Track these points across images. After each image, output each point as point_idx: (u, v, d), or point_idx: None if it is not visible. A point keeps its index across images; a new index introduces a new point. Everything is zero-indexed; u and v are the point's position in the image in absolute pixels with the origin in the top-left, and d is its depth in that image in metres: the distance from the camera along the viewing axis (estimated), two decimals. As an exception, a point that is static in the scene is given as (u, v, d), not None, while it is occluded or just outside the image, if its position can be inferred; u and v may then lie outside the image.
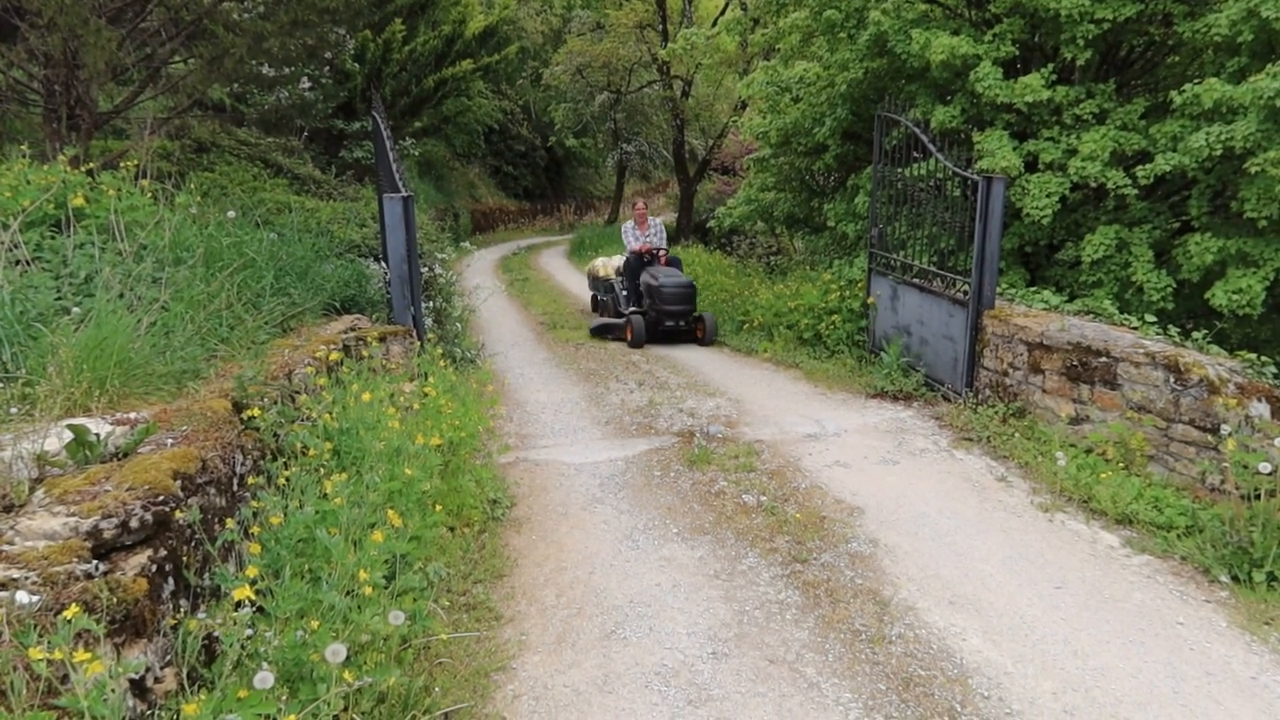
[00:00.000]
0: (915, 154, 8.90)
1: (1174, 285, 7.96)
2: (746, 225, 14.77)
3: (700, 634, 4.12)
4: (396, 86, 18.74)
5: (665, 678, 3.78)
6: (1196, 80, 7.93)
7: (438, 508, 4.56)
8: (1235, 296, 7.17)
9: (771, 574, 4.73)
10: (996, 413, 6.97)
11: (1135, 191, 8.10)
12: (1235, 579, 4.60)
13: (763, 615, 4.31)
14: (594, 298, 14.41)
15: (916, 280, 8.50)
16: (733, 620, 4.25)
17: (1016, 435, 6.63)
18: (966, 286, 7.54)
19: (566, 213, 38.86)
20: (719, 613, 4.33)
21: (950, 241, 8.08)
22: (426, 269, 8.88)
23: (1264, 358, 5.89)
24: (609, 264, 13.72)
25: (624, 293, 12.45)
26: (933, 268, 8.25)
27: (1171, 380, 5.68)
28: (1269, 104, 6.87)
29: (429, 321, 7.96)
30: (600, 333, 12.33)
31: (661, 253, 12.32)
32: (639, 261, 12.19)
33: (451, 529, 5.05)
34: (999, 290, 7.78)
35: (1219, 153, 7.22)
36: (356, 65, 17.68)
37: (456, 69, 19.64)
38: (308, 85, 16.63)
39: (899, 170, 8.97)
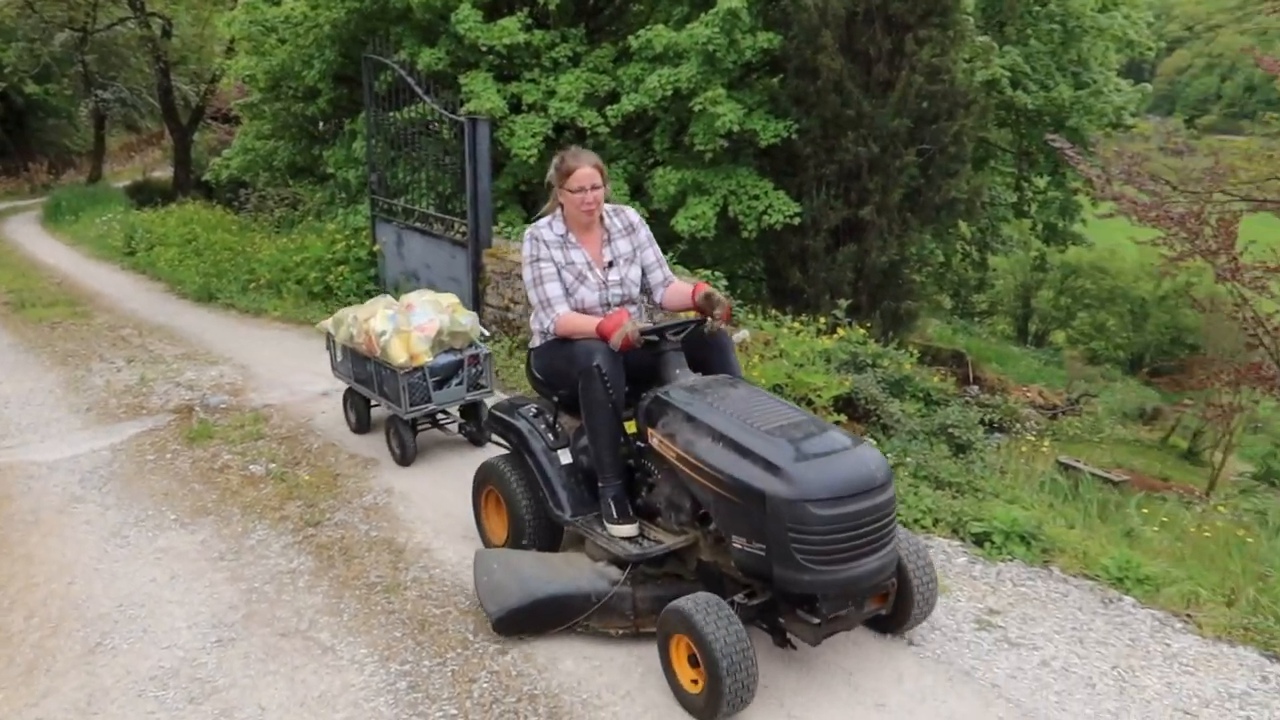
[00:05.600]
0: (407, 97, 8.83)
1: (648, 215, 8.88)
2: (248, 177, 13.73)
3: (203, 623, 3.80)
4: None
5: (163, 680, 3.44)
6: (648, 26, 8.80)
7: None
8: (693, 222, 8.19)
9: (283, 544, 4.50)
10: (504, 348, 7.28)
11: (609, 130, 8.83)
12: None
13: (274, 589, 4.09)
14: (356, 403, 5.95)
15: (419, 225, 8.53)
16: (240, 601, 3.98)
17: (522, 367, 6.97)
18: (465, 228, 7.71)
19: (38, 172, 32.87)
20: (225, 596, 4.02)
21: (449, 184, 8.19)
22: None
23: (718, 272, 6.83)
24: (413, 328, 5.30)
25: (561, 460, 3.86)
26: (433, 211, 8.32)
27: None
28: (704, 49, 7.84)
29: None
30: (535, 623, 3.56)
31: (715, 315, 3.69)
32: (614, 365, 3.56)
33: None
34: (497, 230, 8.07)
35: (670, 93, 8.12)
36: None
37: None
38: None
39: (393, 114, 8.85)
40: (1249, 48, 14.86)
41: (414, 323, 5.21)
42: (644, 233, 4.04)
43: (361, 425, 5.89)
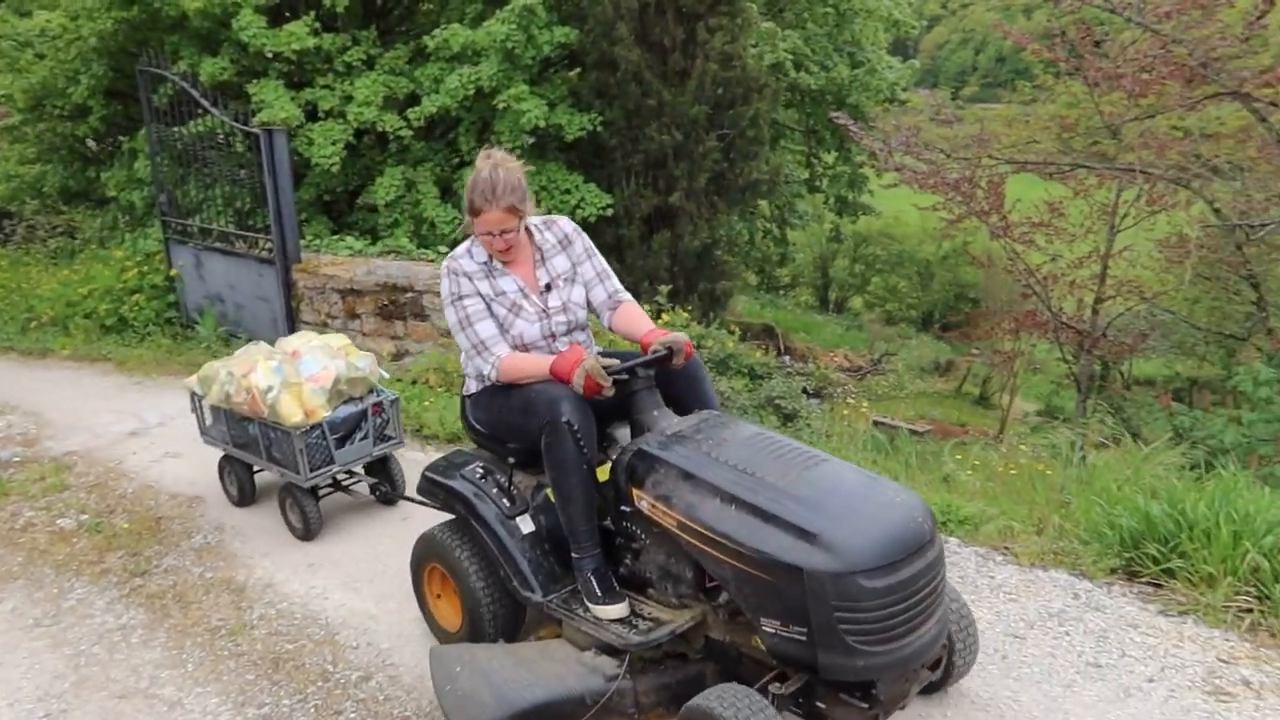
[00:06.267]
0: (191, 111, 8.31)
1: (459, 217, 8.77)
2: (14, 206, 12.54)
3: (27, 699, 3.50)
4: None
5: (-10, 769, 3.15)
6: (444, 26, 8.68)
7: None
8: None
9: (107, 600, 4.19)
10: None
11: (412, 133, 8.66)
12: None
13: (104, 649, 3.81)
14: (236, 472, 5.02)
15: (219, 244, 8.08)
16: (67, 668, 3.69)
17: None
18: (270, 244, 7.38)
19: None
20: (48, 665, 3.71)
21: (247, 200, 7.81)
22: None
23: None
24: (305, 379, 4.50)
25: (521, 529, 3.22)
26: (233, 229, 7.91)
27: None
28: (502, 46, 7.82)
29: None
30: None
31: (676, 364, 3.13)
32: (585, 415, 3.02)
33: None
34: (304, 243, 7.77)
35: (472, 92, 8.05)
36: None
37: None
38: None
39: (177, 129, 8.32)
40: (997, 23, 16.20)
41: (305, 373, 4.45)
42: (581, 244, 3.43)
43: (245, 496, 4.99)
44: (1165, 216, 9.99)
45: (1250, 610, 3.41)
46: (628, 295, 3.48)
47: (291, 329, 7.45)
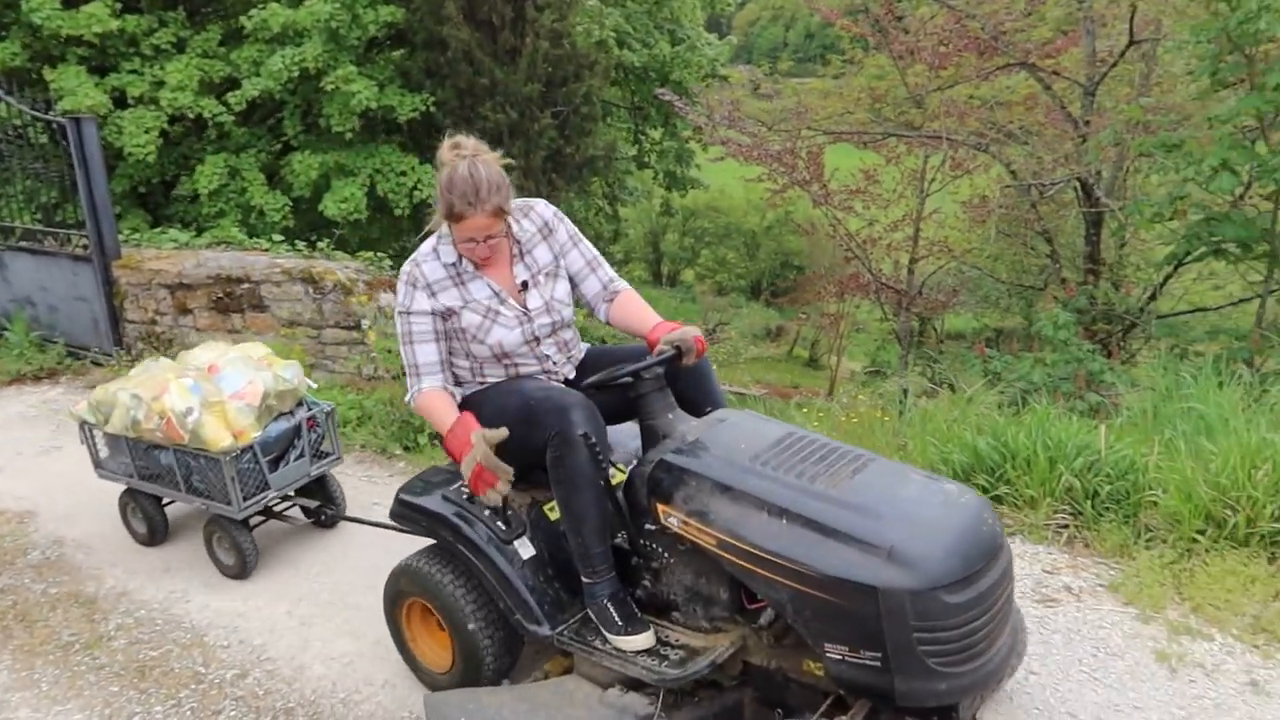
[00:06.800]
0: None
1: (290, 203, 8.48)
2: None
3: None
4: None
5: None
6: (262, 5, 8.31)
7: None
8: (343, 205, 7.97)
9: (-60, 627, 3.91)
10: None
11: (233, 118, 8.28)
12: (407, 449, 5.32)
13: (-58, 680, 3.57)
14: (143, 507, 4.41)
15: (25, 243, 7.51)
16: (-100, 704, 3.44)
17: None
18: (85, 240, 6.93)
19: None
20: (-122, 704, 3.45)
21: (53, 194, 7.29)
22: None
23: (379, 254, 6.74)
24: (228, 397, 3.96)
25: (521, 554, 2.84)
26: (40, 226, 7.37)
27: (311, 291, 6.13)
28: (326, 26, 7.58)
29: None
30: None
31: (687, 363, 2.81)
32: (599, 424, 2.70)
33: None
34: (123, 237, 7.33)
35: (297, 74, 7.77)
36: None
37: None
38: None
39: (-38, 120, 7.62)
40: (806, -2, 16.93)
41: (227, 390, 3.91)
42: (564, 230, 3.03)
43: (156, 534, 4.38)
44: (968, 180, 10.80)
45: (1067, 526, 3.85)
46: (624, 284, 3.11)
47: (115, 329, 7.03)
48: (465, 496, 2.87)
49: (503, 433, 2.59)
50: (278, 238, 6.91)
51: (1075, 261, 9.52)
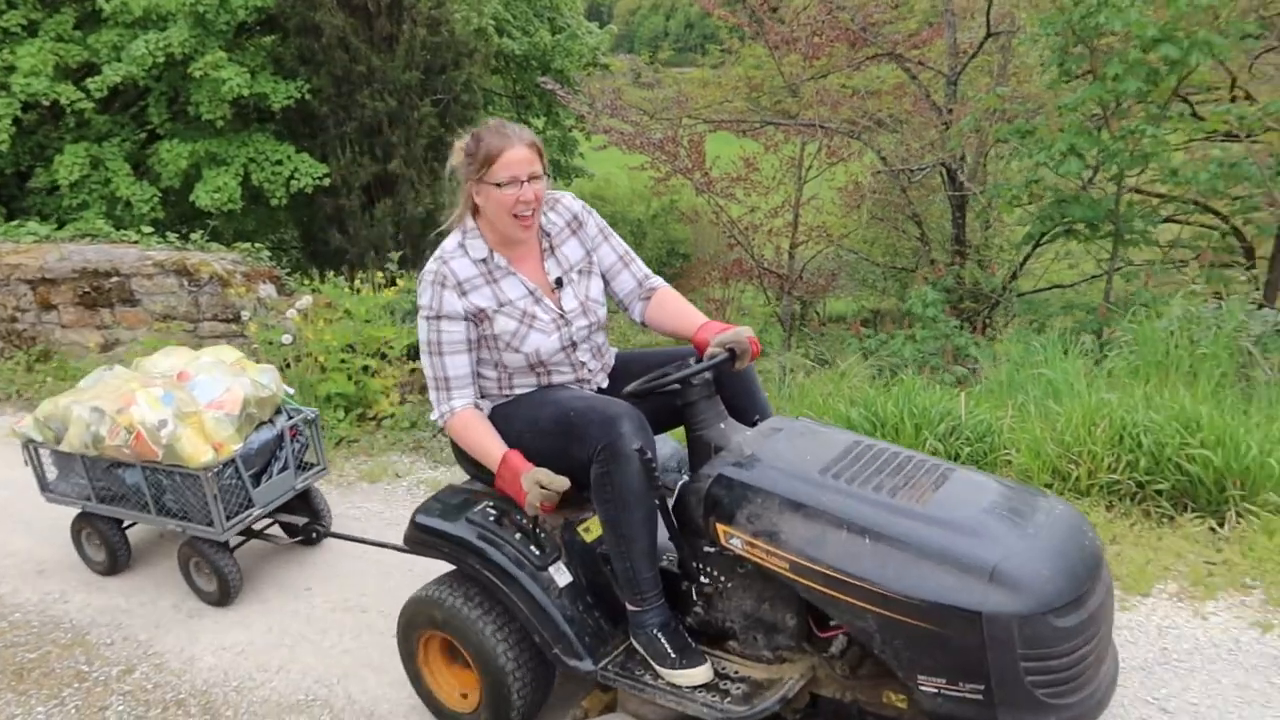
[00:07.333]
0: None
1: (159, 194, 8.17)
2: None
3: None
4: None
5: None
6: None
7: None
8: (216, 195, 7.73)
9: None
10: (19, 363, 6.40)
11: (93, 105, 7.92)
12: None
13: None
14: (101, 532, 3.96)
15: None
16: None
17: (49, 380, 6.21)
18: (-65, 234, 6.56)
19: None
20: None
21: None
22: None
23: (257, 244, 6.57)
24: (205, 407, 3.57)
25: (558, 582, 2.55)
26: (-119, 219, 6.93)
27: (186, 283, 5.97)
28: (192, 10, 7.32)
29: None
30: None
31: (739, 365, 2.53)
32: (650, 436, 2.43)
33: None
34: (-23, 231, 6.97)
35: (163, 60, 7.48)
36: None
37: None
38: None
39: None
40: (685, -12, 17.18)
41: (203, 399, 3.52)
42: (594, 223, 2.75)
43: (119, 560, 3.95)
44: (843, 166, 11.19)
45: (930, 486, 4.11)
46: (660, 280, 2.80)
47: (-29, 327, 6.67)
48: (491, 519, 2.59)
49: (563, 482, 2.36)
50: (147, 229, 6.66)
51: (944, 244, 10.01)
